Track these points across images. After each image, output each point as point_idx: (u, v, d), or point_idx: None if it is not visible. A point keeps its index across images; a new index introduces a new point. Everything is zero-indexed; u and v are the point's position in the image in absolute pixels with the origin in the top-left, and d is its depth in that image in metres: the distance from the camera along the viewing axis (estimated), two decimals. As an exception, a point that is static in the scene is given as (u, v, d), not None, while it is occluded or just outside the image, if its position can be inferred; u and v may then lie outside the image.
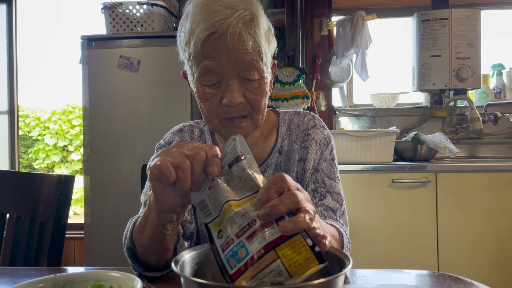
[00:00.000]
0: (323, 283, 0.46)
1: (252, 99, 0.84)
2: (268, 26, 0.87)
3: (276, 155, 0.99)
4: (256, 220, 0.51)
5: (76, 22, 4.88)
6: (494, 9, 2.85)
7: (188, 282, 0.49)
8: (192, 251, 0.60)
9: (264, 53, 0.83)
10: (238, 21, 0.78)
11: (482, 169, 2.06)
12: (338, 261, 0.56)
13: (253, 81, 0.83)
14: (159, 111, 2.28)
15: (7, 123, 3.15)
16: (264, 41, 0.83)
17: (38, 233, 1.19)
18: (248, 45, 0.80)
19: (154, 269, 0.79)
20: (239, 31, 0.78)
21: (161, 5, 2.36)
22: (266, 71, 0.86)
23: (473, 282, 0.75)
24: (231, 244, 0.52)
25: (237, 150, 0.57)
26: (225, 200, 0.54)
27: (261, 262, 0.49)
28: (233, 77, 0.82)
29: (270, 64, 0.90)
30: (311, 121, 1.01)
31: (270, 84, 0.91)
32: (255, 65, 0.82)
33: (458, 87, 2.49)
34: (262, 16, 0.83)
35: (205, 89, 0.84)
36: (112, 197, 2.29)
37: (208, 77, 0.82)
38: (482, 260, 2.03)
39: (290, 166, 0.98)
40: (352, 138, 2.22)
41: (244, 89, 0.83)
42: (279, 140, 1.00)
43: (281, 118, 1.03)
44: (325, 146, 0.99)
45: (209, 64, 0.80)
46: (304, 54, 2.67)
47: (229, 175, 0.56)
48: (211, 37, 0.78)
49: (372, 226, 2.09)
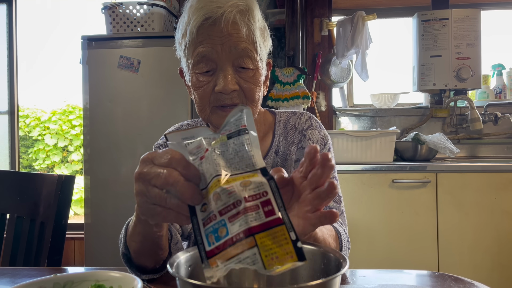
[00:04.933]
0: (319, 285, 0.46)
1: (246, 88, 0.84)
2: (263, 24, 0.88)
3: (273, 155, 0.98)
4: (242, 202, 0.48)
5: (76, 22, 4.88)
6: (494, 9, 2.85)
7: (183, 283, 0.49)
8: (185, 253, 0.60)
9: (258, 45, 0.84)
10: (233, 9, 0.79)
11: (482, 169, 2.06)
12: (335, 262, 0.56)
13: (248, 70, 0.84)
14: (159, 111, 2.28)
15: (7, 123, 3.15)
16: (258, 33, 0.84)
17: (38, 233, 1.19)
18: (242, 32, 0.81)
19: (151, 271, 0.78)
20: (233, 18, 0.79)
21: (161, 5, 2.36)
22: (261, 64, 0.87)
23: (473, 282, 0.75)
24: (213, 220, 0.49)
25: (242, 122, 0.52)
26: (215, 174, 0.51)
27: (238, 246, 0.47)
28: (227, 64, 0.82)
29: (265, 60, 0.90)
30: (308, 121, 1.00)
31: (265, 80, 0.91)
32: (249, 54, 0.83)
33: (458, 87, 2.49)
34: (257, 9, 0.84)
35: (199, 77, 0.85)
36: (112, 197, 2.29)
37: (203, 64, 0.83)
38: (482, 260, 2.03)
39: (287, 167, 0.97)
40: (352, 138, 2.22)
41: (239, 77, 0.84)
42: (275, 141, 0.99)
43: (277, 119, 1.03)
44: (322, 146, 0.99)
45: (204, 51, 0.81)
46: (304, 54, 2.67)
47: (225, 146, 0.52)
48: (206, 23, 0.80)
49: (372, 226, 2.09)
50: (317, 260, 0.60)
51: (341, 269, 0.51)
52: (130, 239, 0.74)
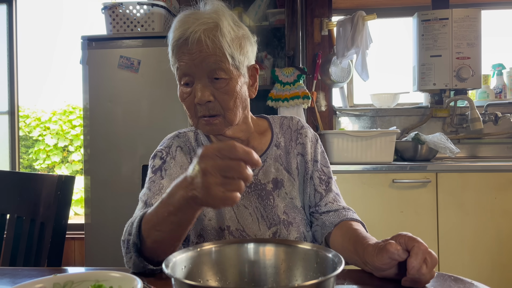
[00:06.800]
0: (314, 285, 0.46)
1: (220, 98, 0.93)
2: (240, 33, 0.96)
3: (274, 148, 1.08)
4: None
5: (76, 23, 4.88)
6: (494, 9, 2.85)
7: (179, 284, 0.50)
8: (181, 253, 0.60)
9: (230, 55, 0.92)
10: (199, 28, 0.89)
11: (482, 169, 2.06)
12: (332, 262, 0.56)
13: (221, 80, 0.93)
14: (159, 111, 2.28)
15: (8, 124, 3.15)
16: (229, 45, 0.92)
17: (39, 233, 1.19)
18: (209, 49, 0.90)
19: (158, 263, 0.83)
20: (198, 36, 0.89)
21: (161, 5, 2.36)
22: (237, 72, 0.95)
23: (473, 282, 0.75)
24: None
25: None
26: None
27: None
28: (202, 77, 0.93)
29: (248, 66, 0.99)
30: (299, 123, 1.13)
31: (252, 84, 1.02)
32: (219, 65, 0.91)
33: (458, 87, 2.49)
34: (226, 23, 0.93)
35: (182, 89, 0.96)
36: (112, 197, 2.29)
37: (184, 78, 0.95)
38: (482, 260, 2.03)
39: (290, 158, 1.08)
40: (353, 138, 2.22)
41: (213, 88, 0.93)
42: (274, 137, 1.10)
43: (271, 120, 1.13)
44: (316, 142, 1.12)
45: (182, 65, 0.93)
46: (305, 54, 2.67)
47: None
48: (179, 42, 0.92)
49: (373, 226, 2.08)
50: (312, 260, 0.61)
51: (337, 268, 0.51)
52: (155, 228, 0.78)
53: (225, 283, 0.63)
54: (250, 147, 0.57)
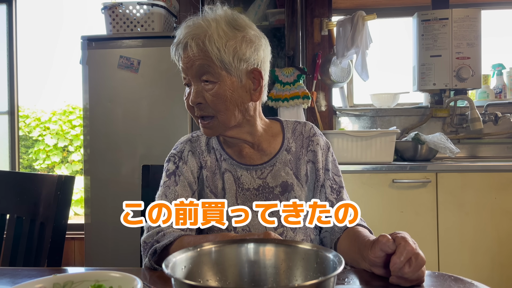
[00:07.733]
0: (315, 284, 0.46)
1: (209, 100, 0.98)
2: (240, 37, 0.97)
3: (284, 153, 1.09)
4: None
5: (76, 23, 4.88)
6: (494, 9, 2.85)
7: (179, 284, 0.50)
8: (181, 253, 0.60)
9: (218, 60, 0.95)
10: (189, 35, 0.97)
11: (482, 169, 2.06)
12: (332, 262, 0.56)
13: (209, 83, 0.98)
14: (159, 111, 2.28)
15: (7, 124, 3.15)
16: (218, 50, 0.95)
17: (38, 233, 1.19)
18: (196, 54, 0.96)
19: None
20: (187, 42, 0.97)
21: (161, 5, 2.36)
22: (228, 76, 0.97)
23: (473, 282, 0.75)
24: None
25: None
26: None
27: None
28: (195, 80, 0.99)
29: (243, 71, 0.99)
30: (312, 129, 1.14)
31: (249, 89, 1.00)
32: (206, 69, 0.96)
33: (458, 87, 2.49)
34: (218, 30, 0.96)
35: (185, 90, 1.04)
36: (112, 197, 2.29)
37: (184, 79, 1.03)
38: (483, 260, 2.03)
39: (300, 165, 1.09)
40: (353, 138, 2.22)
41: (204, 90, 0.98)
42: (285, 141, 1.11)
43: (284, 124, 1.14)
44: (327, 150, 1.13)
45: (181, 68, 1.02)
46: (304, 54, 2.67)
47: None
48: (177, 47, 1.00)
49: (373, 226, 2.07)
50: (312, 260, 0.61)
51: (337, 268, 0.51)
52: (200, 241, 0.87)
53: (225, 283, 0.63)
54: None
